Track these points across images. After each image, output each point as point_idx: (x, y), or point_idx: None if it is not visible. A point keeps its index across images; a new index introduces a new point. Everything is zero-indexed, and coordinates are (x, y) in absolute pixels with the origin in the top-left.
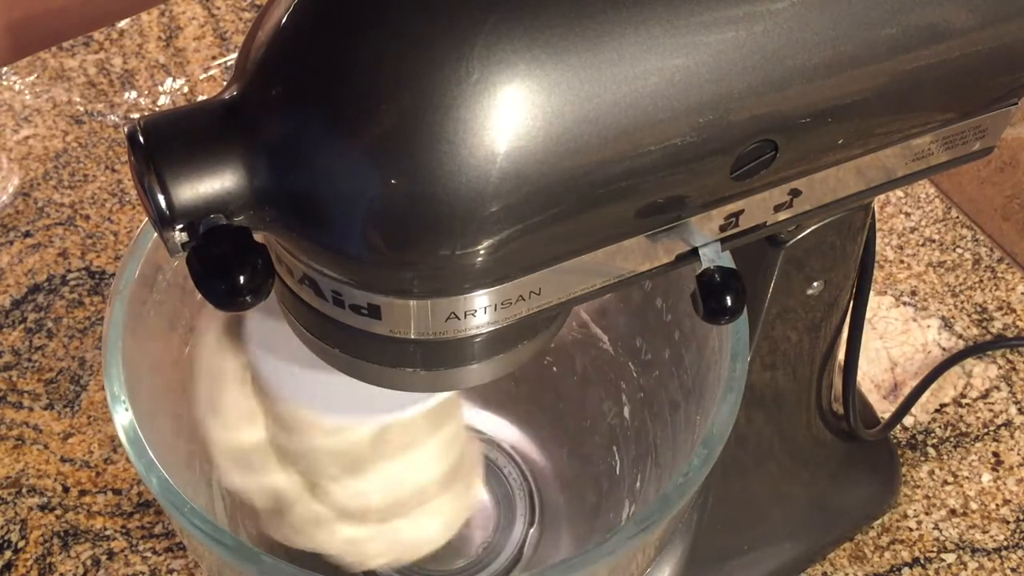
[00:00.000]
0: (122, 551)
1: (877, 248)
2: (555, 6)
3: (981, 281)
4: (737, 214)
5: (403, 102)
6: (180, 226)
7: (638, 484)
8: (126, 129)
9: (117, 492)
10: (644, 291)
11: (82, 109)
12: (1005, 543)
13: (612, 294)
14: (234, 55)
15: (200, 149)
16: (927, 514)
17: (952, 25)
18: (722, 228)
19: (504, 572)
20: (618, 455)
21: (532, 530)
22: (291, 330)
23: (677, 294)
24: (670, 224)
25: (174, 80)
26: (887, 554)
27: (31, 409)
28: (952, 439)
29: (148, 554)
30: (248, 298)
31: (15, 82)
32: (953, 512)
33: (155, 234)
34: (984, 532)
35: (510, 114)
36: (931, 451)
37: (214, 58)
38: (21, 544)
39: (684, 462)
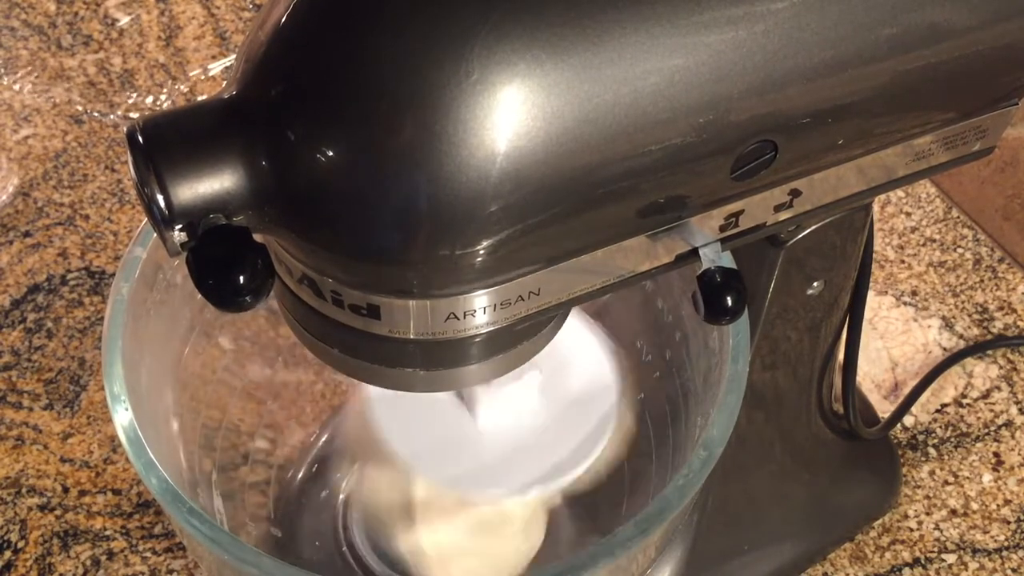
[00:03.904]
0: (122, 551)
1: (878, 248)
2: (555, 6)
3: (982, 281)
4: (737, 214)
5: (402, 102)
6: (179, 226)
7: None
8: (125, 129)
9: (117, 492)
10: (644, 291)
11: (82, 109)
12: (1006, 543)
13: (612, 294)
14: (234, 55)
15: (199, 149)
16: (928, 514)
17: (952, 25)
18: (722, 228)
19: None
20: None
21: None
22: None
23: (677, 294)
24: (670, 224)
25: (174, 80)
26: (888, 554)
27: (31, 409)
28: (953, 439)
29: (148, 554)
30: (248, 298)
31: (15, 82)
32: (954, 512)
33: (155, 234)
34: (985, 532)
35: (510, 114)
36: (932, 451)
37: (214, 58)
38: (21, 544)
39: (684, 463)
